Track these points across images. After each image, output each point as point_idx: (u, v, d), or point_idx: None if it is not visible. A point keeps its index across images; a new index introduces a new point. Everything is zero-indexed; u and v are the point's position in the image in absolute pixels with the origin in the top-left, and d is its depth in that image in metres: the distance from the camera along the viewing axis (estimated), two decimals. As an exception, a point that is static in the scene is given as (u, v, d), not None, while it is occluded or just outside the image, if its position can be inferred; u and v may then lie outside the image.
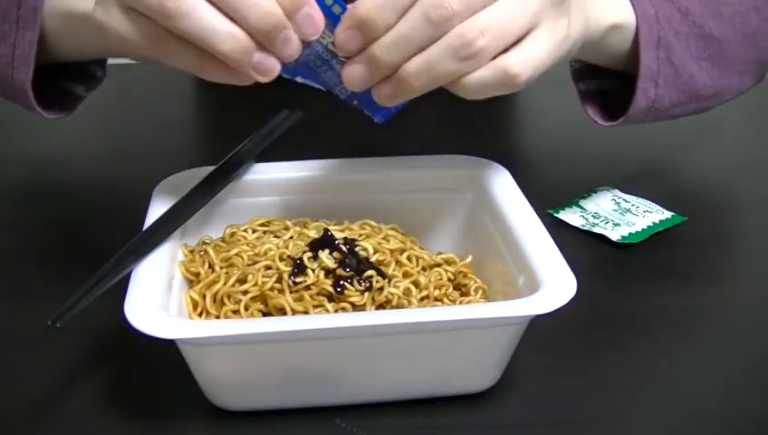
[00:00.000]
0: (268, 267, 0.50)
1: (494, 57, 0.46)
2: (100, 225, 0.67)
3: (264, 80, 0.46)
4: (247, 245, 0.53)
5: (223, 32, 0.44)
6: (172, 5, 0.43)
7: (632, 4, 0.60)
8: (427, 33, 0.44)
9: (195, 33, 0.44)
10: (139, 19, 0.45)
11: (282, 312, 0.48)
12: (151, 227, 0.51)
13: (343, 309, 0.48)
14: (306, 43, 0.46)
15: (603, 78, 0.66)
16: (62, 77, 0.63)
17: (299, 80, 0.49)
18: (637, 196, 0.71)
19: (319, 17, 0.45)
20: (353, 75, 0.47)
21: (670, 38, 0.61)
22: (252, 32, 0.44)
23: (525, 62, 0.46)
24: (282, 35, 0.45)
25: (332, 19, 0.46)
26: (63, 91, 0.64)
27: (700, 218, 0.69)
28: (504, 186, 0.57)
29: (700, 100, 0.65)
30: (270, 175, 0.59)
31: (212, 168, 0.57)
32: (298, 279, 0.49)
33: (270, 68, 0.45)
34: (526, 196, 0.55)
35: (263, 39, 0.44)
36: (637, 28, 0.60)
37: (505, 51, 0.46)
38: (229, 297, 0.50)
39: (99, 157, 0.82)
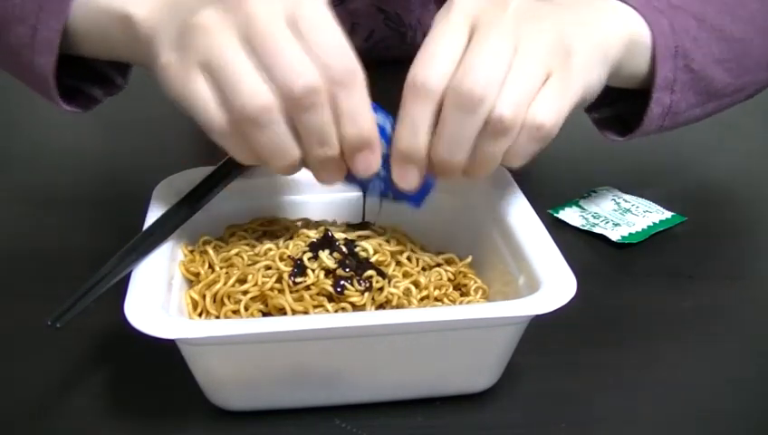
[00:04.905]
0: (268, 267, 0.50)
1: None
2: (100, 225, 0.67)
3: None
4: (247, 245, 0.53)
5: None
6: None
7: (646, 20, 0.59)
8: (469, 123, 0.46)
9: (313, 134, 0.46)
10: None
11: (282, 312, 0.48)
12: (151, 227, 0.51)
13: (343, 309, 0.48)
14: None
15: (616, 104, 0.65)
16: (80, 77, 0.62)
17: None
18: (637, 196, 0.71)
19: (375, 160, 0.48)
20: (444, 178, 0.50)
21: (688, 46, 0.60)
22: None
23: (547, 111, 0.48)
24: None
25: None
26: (79, 91, 0.62)
27: (700, 218, 0.69)
28: (504, 186, 0.57)
29: (721, 97, 0.65)
30: (270, 175, 0.59)
31: (212, 168, 0.57)
32: (298, 279, 0.49)
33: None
34: (526, 196, 0.55)
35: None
36: (653, 43, 0.59)
37: None
38: (229, 297, 0.50)
39: (98, 157, 0.82)
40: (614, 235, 0.65)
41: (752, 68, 0.65)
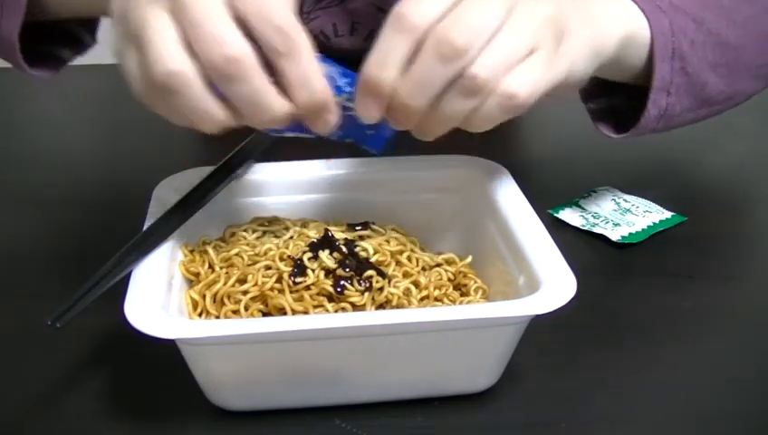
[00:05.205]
0: (268, 267, 0.50)
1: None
2: (100, 225, 0.67)
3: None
4: (247, 245, 0.53)
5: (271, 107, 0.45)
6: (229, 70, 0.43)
7: (646, 17, 0.59)
8: (440, 71, 0.45)
9: (244, 101, 0.45)
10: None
11: (282, 312, 0.48)
12: (151, 227, 0.51)
13: (343, 309, 0.48)
14: None
15: (612, 96, 0.65)
16: (48, 40, 0.62)
17: (288, 135, 0.49)
18: (637, 196, 0.71)
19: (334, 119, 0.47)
20: (398, 124, 0.48)
21: (685, 48, 0.60)
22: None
23: (523, 82, 0.47)
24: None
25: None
26: (48, 54, 0.62)
27: (700, 218, 0.69)
28: (504, 186, 0.57)
29: (713, 104, 0.65)
30: (270, 175, 0.59)
31: (212, 168, 0.57)
32: (298, 279, 0.49)
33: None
34: (526, 196, 0.55)
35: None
36: (652, 41, 0.59)
37: None
38: (229, 297, 0.50)
39: (98, 157, 0.82)
40: (614, 235, 0.65)
41: (743, 74, 0.65)
